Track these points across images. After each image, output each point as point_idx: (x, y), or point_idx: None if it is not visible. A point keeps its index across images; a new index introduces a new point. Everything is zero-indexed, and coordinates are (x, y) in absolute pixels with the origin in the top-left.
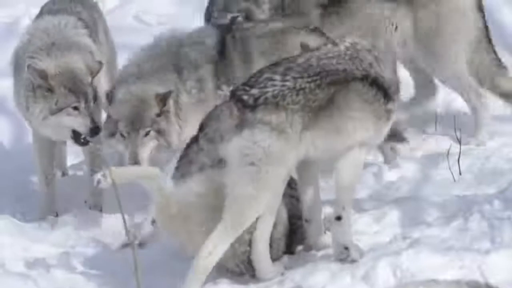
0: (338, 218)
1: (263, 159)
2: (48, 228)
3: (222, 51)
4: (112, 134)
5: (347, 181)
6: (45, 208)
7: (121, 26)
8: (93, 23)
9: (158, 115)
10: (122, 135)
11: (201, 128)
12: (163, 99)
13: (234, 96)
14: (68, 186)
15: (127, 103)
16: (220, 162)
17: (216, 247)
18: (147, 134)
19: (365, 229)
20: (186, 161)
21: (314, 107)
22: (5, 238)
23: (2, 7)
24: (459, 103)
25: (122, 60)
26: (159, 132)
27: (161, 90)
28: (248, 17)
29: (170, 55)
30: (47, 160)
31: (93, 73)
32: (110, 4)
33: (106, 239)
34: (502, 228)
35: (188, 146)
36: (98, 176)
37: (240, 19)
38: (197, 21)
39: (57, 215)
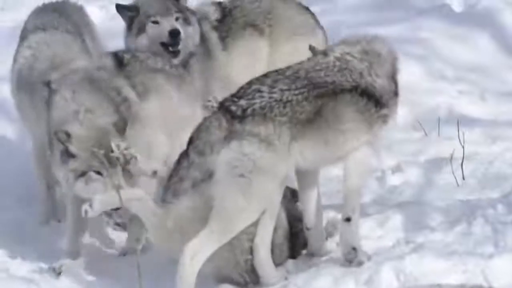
0: (348, 219)
1: (253, 170)
2: (50, 233)
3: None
4: (83, 174)
5: (356, 183)
6: (46, 214)
7: None
8: (79, 34)
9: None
10: (99, 173)
11: (191, 141)
12: (122, 127)
13: (223, 107)
14: None
15: (91, 138)
16: (211, 176)
17: (198, 252)
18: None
19: (368, 234)
20: (177, 179)
21: (302, 119)
22: (9, 243)
23: (5, 11)
24: (462, 107)
25: None
26: (124, 162)
27: (112, 119)
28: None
29: (94, 83)
30: (47, 166)
31: None
32: (114, 9)
33: (109, 244)
34: (505, 232)
35: (178, 162)
36: (85, 206)
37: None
38: None
39: (59, 221)
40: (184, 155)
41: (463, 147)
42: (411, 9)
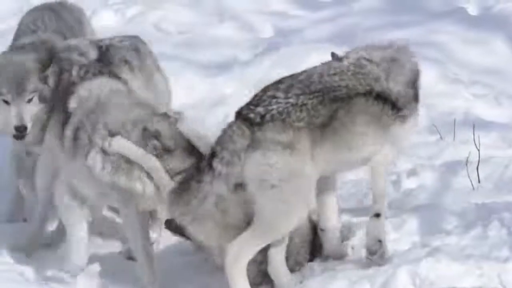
0: (377, 215)
1: (282, 178)
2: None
3: None
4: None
5: (384, 184)
6: None
7: (141, 35)
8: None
9: None
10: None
11: (213, 154)
12: None
13: (240, 115)
14: None
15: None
16: (239, 186)
17: (241, 252)
18: None
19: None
20: (199, 199)
21: (318, 123)
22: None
23: (19, 15)
24: (478, 111)
25: None
26: None
27: None
28: None
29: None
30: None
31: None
32: (130, 13)
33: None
34: None
35: (198, 180)
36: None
37: None
38: (215, 29)
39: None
40: (207, 169)
41: (478, 150)
42: (426, 12)
